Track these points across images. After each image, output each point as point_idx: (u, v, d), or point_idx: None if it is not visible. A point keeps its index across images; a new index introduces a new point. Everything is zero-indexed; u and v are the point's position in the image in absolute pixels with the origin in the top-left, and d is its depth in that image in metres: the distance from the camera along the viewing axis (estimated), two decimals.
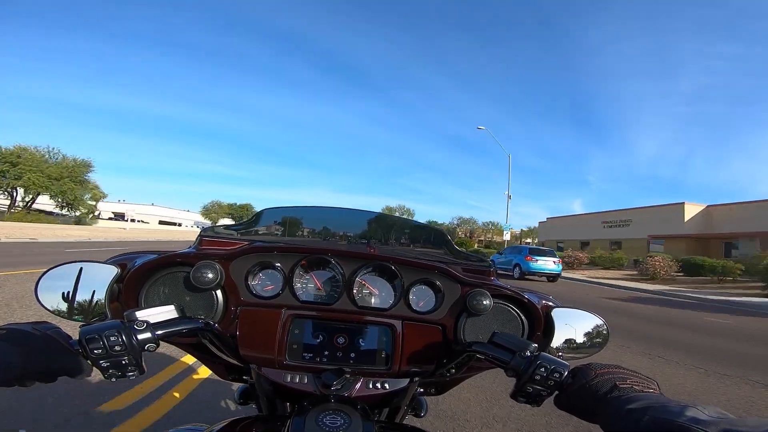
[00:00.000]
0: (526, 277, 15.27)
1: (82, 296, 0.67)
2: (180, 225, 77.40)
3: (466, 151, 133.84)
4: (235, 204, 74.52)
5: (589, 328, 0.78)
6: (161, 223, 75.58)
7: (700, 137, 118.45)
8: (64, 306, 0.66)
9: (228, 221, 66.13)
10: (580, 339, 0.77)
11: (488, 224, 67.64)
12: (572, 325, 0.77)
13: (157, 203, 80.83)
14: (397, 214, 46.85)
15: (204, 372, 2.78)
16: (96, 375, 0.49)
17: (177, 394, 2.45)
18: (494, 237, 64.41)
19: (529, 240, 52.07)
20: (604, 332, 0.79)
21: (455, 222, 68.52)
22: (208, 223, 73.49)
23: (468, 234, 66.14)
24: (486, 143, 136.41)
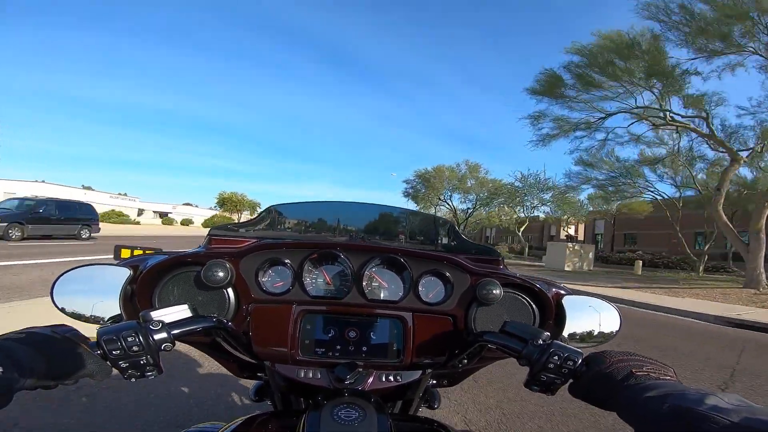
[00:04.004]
0: None
1: (96, 298, 0.68)
2: None
3: (472, 146, 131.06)
4: None
5: (601, 315, 0.77)
6: None
7: None
8: (79, 308, 0.67)
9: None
10: (592, 327, 0.76)
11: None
12: (584, 313, 0.76)
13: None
14: (462, 168, 30.46)
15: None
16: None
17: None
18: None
19: None
20: (617, 320, 0.78)
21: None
22: None
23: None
24: (490, 140, 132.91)
